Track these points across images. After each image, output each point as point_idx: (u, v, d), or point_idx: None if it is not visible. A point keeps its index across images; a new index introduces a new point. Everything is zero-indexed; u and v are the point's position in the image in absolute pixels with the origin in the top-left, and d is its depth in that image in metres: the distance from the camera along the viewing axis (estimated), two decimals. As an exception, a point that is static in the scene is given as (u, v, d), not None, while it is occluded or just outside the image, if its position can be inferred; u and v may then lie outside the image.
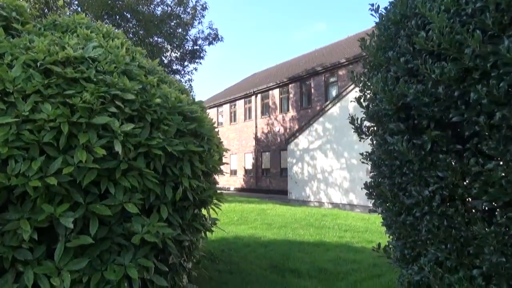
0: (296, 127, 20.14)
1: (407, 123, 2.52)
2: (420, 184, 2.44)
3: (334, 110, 14.53)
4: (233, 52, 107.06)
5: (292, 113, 22.41)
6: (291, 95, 22.75)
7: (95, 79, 2.78)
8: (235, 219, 8.42)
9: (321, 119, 15.14)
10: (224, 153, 4.60)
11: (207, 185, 3.72)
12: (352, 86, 13.71)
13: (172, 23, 15.84)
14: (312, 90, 21.28)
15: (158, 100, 3.04)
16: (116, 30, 4.15)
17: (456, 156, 2.22)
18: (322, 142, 15.08)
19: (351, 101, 13.85)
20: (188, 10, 17.37)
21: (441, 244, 2.30)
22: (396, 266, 3.03)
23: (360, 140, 3.54)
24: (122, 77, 2.94)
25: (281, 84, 23.24)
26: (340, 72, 19.57)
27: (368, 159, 3.39)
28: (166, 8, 17.00)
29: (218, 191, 4.08)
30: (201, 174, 3.55)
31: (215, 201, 4.14)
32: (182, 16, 16.46)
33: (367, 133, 3.47)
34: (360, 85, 3.51)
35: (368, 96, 3.22)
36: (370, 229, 7.58)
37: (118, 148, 2.63)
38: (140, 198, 2.89)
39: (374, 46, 2.84)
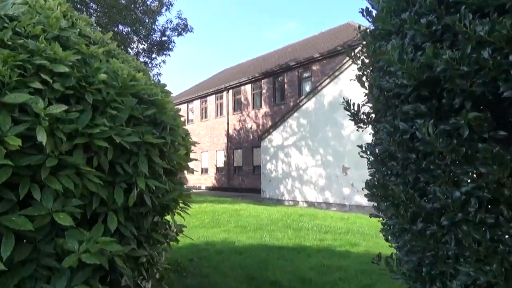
0: (269, 123, 19.61)
1: (429, 104, 1.94)
2: (448, 183, 1.87)
3: (309, 105, 14.06)
4: (204, 50, 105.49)
5: (265, 109, 21.86)
6: (264, 91, 22.18)
7: (10, 43, 2.03)
8: (206, 222, 7.72)
9: (295, 114, 14.64)
10: (193, 147, 3.91)
11: (170, 185, 3.03)
12: (328, 81, 13.29)
13: (138, 10, 14.82)
14: (286, 86, 20.81)
15: (103, 76, 2.32)
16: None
17: (503, 146, 1.66)
18: (296, 138, 14.59)
19: (326, 95, 13.40)
20: None
21: (480, 263, 1.74)
22: (403, 283, 2.45)
23: (357, 130, 2.97)
24: (53, 43, 2.20)
25: (253, 79, 22.63)
26: (314, 67, 19.19)
27: (368, 152, 2.81)
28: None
29: (187, 191, 3.41)
30: (162, 172, 2.87)
31: (182, 204, 3.47)
32: (148, 2, 15.45)
33: (366, 121, 2.90)
34: (359, 61, 2.92)
35: (370, 74, 2.65)
36: (352, 230, 7.10)
37: (41, 137, 1.90)
38: (78, 205, 2.18)
39: (383, 8, 2.24)
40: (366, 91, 2.76)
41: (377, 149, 2.63)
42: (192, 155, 4.05)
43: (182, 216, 3.51)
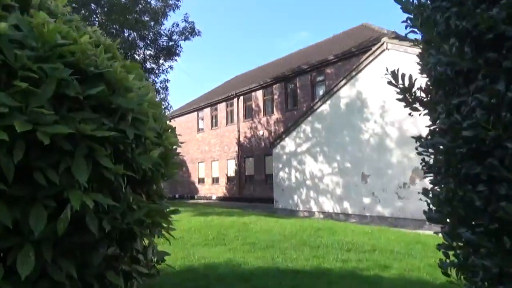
0: (282, 130, 18.66)
1: None
2: None
3: (324, 108, 13.09)
4: (217, 59, 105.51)
5: (276, 115, 20.95)
6: (275, 96, 21.30)
7: None
8: (210, 238, 6.80)
9: (309, 118, 13.68)
10: (203, 155, 2.95)
11: (136, 200, 2.13)
12: (344, 81, 12.32)
13: (142, 13, 14.11)
14: (298, 91, 19.89)
15: (2, 27, 1.44)
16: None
17: None
18: (311, 144, 13.61)
19: (343, 97, 12.41)
20: None
21: None
22: None
23: (410, 114, 2.02)
24: None
25: (264, 84, 21.78)
26: (328, 70, 18.24)
27: (429, 148, 1.85)
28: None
29: (199, 201, 2.53)
30: (124, 182, 1.96)
31: (165, 223, 2.58)
32: (152, 2, 14.74)
33: (424, 102, 1.95)
34: (415, 30, 1.96)
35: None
36: (379, 247, 6.07)
37: None
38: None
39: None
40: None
41: (444, 143, 1.66)
42: (203, 165, 3.10)
43: (167, 238, 2.62)
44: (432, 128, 1.75)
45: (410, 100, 1.84)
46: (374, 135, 11.34)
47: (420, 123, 10.00)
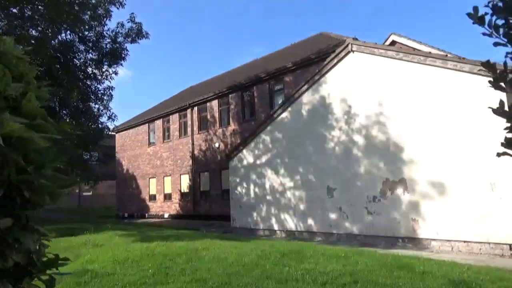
0: (239, 142, 17.41)
1: None
2: None
3: (285, 116, 12.03)
4: (168, 72, 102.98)
5: (233, 126, 19.69)
6: (231, 106, 20.07)
7: None
8: (149, 273, 5.30)
9: (269, 128, 12.54)
10: (154, 171, 1.57)
11: None
12: (306, 87, 11.34)
13: (75, 3, 12.34)
14: (256, 100, 18.81)
15: None
16: None
17: None
18: (271, 156, 12.44)
19: (304, 103, 11.40)
20: None
21: None
22: None
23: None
24: None
25: (220, 94, 20.51)
26: (287, 79, 17.35)
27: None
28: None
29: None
30: None
31: None
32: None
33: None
34: None
35: None
36: (360, 278, 4.90)
37: None
38: None
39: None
40: None
41: None
42: (154, 181, 1.73)
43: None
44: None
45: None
46: (339, 144, 10.38)
47: (391, 128, 9.16)
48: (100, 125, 15.60)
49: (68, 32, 14.90)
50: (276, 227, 12.01)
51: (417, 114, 8.70)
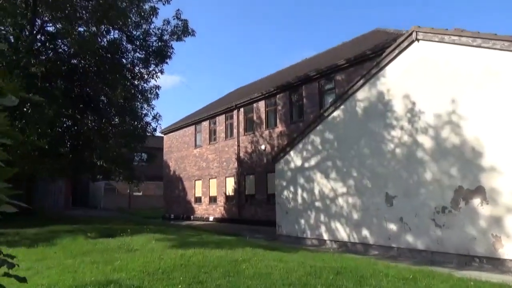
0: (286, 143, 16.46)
1: None
2: None
3: (337, 114, 10.93)
4: (218, 76, 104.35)
5: (280, 128, 18.78)
6: (279, 107, 19.18)
7: None
8: (178, 289, 4.55)
9: (319, 127, 11.49)
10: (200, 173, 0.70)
11: None
12: (362, 82, 10.19)
13: (127, 6, 12.19)
14: (304, 100, 17.78)
15: None
16: None
17: None
18: (321, 158, 11.38)
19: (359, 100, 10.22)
20: None
21: None
22: None
23: None
24: None
25: (267, 94, 19.72)
26: (338, 77, 16.16)
27: None
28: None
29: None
30: None
31: None
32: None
33: None
34: None
35: None
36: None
37: None
38: None
39: None
40: None
41: None
42: (200, 183, 0.86)
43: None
44: None
45: None
46: (400, 146, 9.11)
47: (466, 129, 7.79)
48: (144, 125, 15.41)
49: (116, 31, 14.87)
50: (325, 236, 10.91)
51: (501, 113, 7.28)
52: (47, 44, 15.14)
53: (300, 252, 7.67)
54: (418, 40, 8.91)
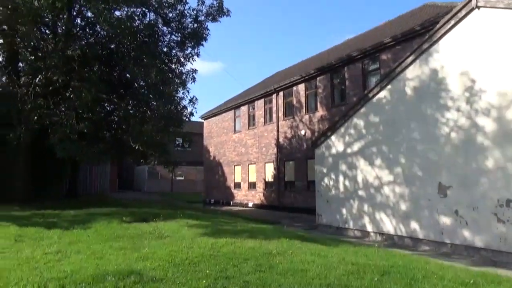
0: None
1: None
2: None
3: (383, 95, 9.99)
4: (258, 62, 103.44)
5: (321, 112, 17.92)
6: (319, 90, 18.27)
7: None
8: (203, 285, 4.12)
9: (363, 110, 10.60)
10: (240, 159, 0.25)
11: None
12: (412, 58, 9.17)
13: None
14: (347, 82, 16.76)
15: None
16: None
17: None
18: (365, 143, 10.52)
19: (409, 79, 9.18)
20: None
21: None
22: None
23: None
24: None
25: (307, 77, 18.84)
26: (384, 56, 14.99)
27: None
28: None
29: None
30: None
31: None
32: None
33: None
34: None
35: None
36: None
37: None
38: None
39: None
40: None
41: None
42: (239, 169, 0.29)
43: None
44: None
45: None
46: (457, 129, 8.09)
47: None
48: (181, 109, 15.19)
49: (152, 14, 14.63)
50: (369, 228, 10.13)
51: None
52: (87, 29, 15.23)
53: (341, 246, 7.02)
54: (478, 7, 7.76)
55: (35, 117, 11.32)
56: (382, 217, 9.71)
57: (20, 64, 14.38)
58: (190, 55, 15.83)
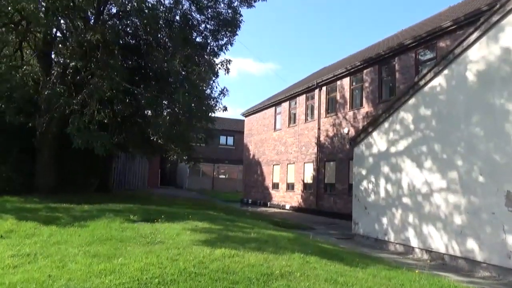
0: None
1: None
2: None
3: (438, 82, 8.19)
4: (310, 62, 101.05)
5: (366, 108, 16.10)
6: (366, 84, 16.45)
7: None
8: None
9: (412, 101, 8.85)
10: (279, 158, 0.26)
11: None
12: (475, 36, 7.33)
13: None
14: (397, 75, 14.84)
15: None
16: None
17: None
18: (412, 142, 8.77)
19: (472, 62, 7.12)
20: None
21: None
22: None
23: None
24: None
25: (352, 70, 17.09)
26: (442, 43, 12.94)
27: None
28: None
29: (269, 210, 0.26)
30: None
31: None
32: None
33: None
34: None
35: None
36: None
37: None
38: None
39: None
40: None
41: None
42: (278, 168, 0.32)
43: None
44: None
45: None
46: (535, 124, 6.20)
47: None
48: (213, 102, 14.19)
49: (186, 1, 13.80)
50: (414, 243, 8.38)
51: None
52: (123, 20, 14.74)
53: (371, 267, 5.48)
54: None
55: (55, 106, 10.86)
56: (430, 231, 7.92)
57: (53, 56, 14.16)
58: (225, 44, 14.82)
